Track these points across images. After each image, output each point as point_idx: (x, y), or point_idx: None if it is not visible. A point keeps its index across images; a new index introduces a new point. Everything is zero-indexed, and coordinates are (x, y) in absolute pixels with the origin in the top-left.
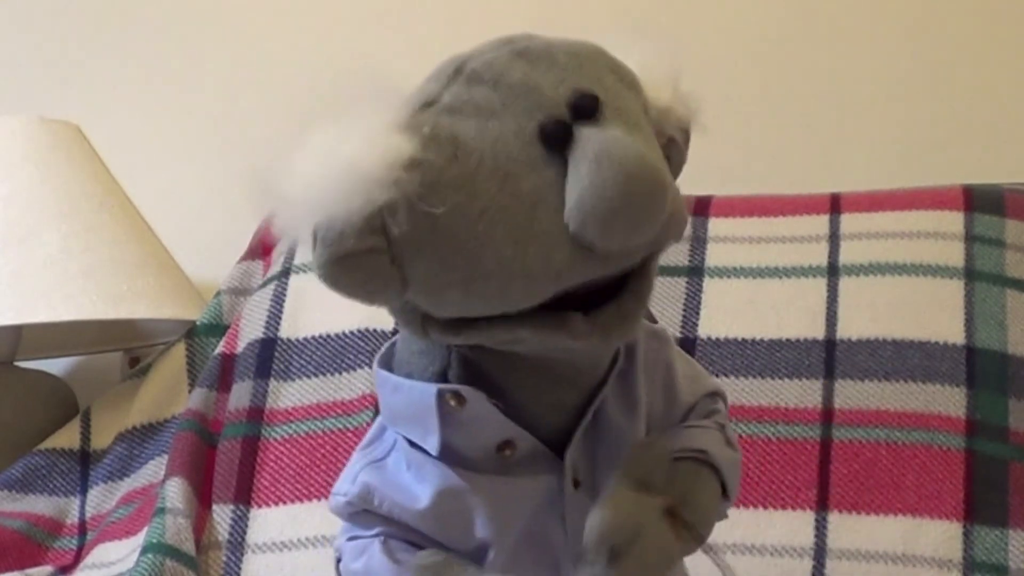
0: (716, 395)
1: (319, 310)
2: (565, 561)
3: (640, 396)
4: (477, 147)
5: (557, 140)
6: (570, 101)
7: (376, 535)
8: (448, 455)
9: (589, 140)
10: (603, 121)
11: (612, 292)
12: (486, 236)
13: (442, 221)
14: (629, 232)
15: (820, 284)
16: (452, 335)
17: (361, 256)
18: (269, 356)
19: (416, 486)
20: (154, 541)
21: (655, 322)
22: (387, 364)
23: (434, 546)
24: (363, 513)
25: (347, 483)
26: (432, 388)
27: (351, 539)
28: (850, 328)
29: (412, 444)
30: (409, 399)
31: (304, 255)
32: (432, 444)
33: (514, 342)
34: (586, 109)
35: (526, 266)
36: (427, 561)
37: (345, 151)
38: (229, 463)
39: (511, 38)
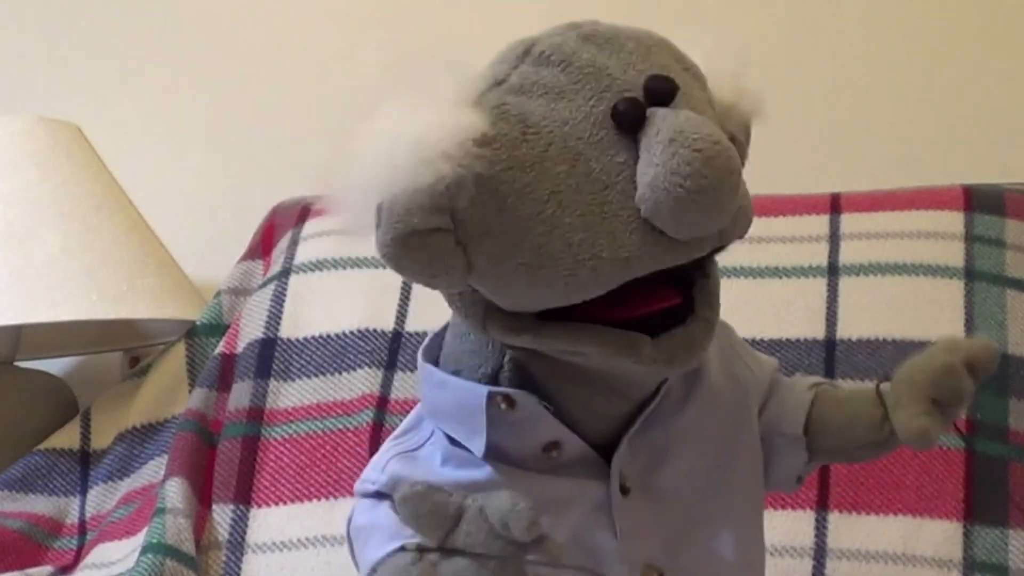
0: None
1: (319, 310)
2: (614, 566)
3: (698, 392)
4: (547, 127)
5: (630, 120)
6: (646, 83)
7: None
8: (493, 453)
9: (664, 121)
10: (674, 104)
11: (679, 316)
12: (555, 219)
13: (510, 202)
14: (702, 217)
15: (820, 284)
16: (513, 335)
17: (426, 235)
18: (269, 356)
19: (452, 475)
20: (154, 541)
21: None
22: (433, 358)
23: None
24: (386, 496)
25: (376, 471)
26: (482, 390)
27: (364, 497)
28: (850, 328)
29: (453, 441)
30: (456, 397)
31: (305, 254)
32: (478, 445)
33: (575, 354)
34: (662, 92)
35: (595, 250)
36: (411, 491)
37: (414, 126)
38: (229, 463)
39: (578, 23)
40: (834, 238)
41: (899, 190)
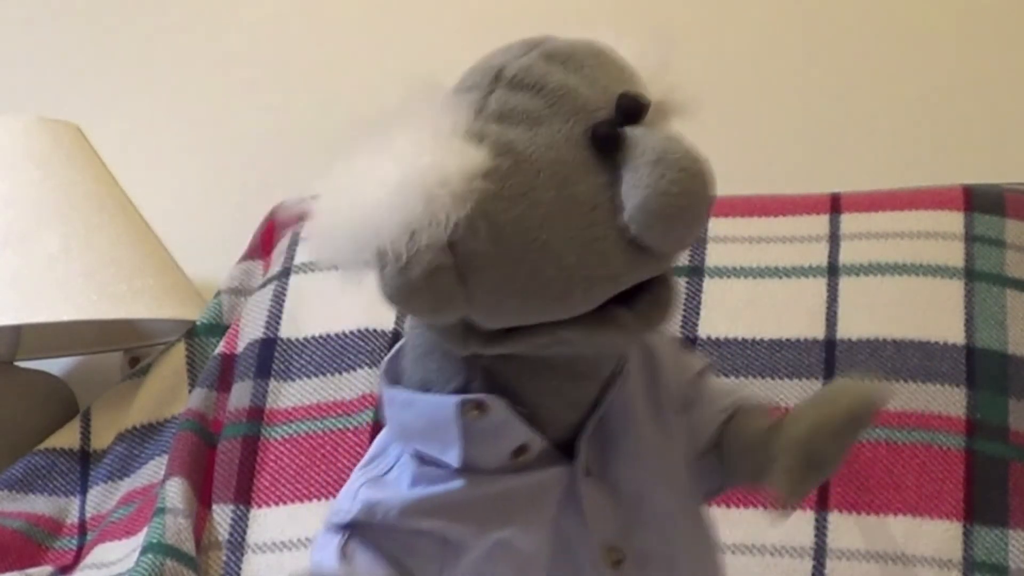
0: (708, 370)
1: (319, 310)
2: (584, 549)
3: (643, 377)
4: (533, 154)
5: (609, 143)
6: (619, 103)
7: (348, 528)
8: (465, 466)
9: (645, 141)
10: (645, 120)
11: (643, 286)
12: (547, 244)
13: (506, 232)
14: (690, 231)
15: (820, 284)
16: (496, 345)
17: (431, 275)
18: (269, 356)
19: (425, 492)
20: (154, 541)
21: None
22: (394, 380)
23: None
24: (349, 525)
25: (347, 500)
26: (451, 400)
27: (321, 543)
28: (850, 328)
29: (423, 460)
30: (425, 413)
31: (305, 254)
32: (453, 456)
33: (556, 344)
34: (634, 111)
35: (586, 271)
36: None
37: (412, 165)
38: (229, 463)
39: (534, 41)
40: (834, 238)
41: (899, 190)
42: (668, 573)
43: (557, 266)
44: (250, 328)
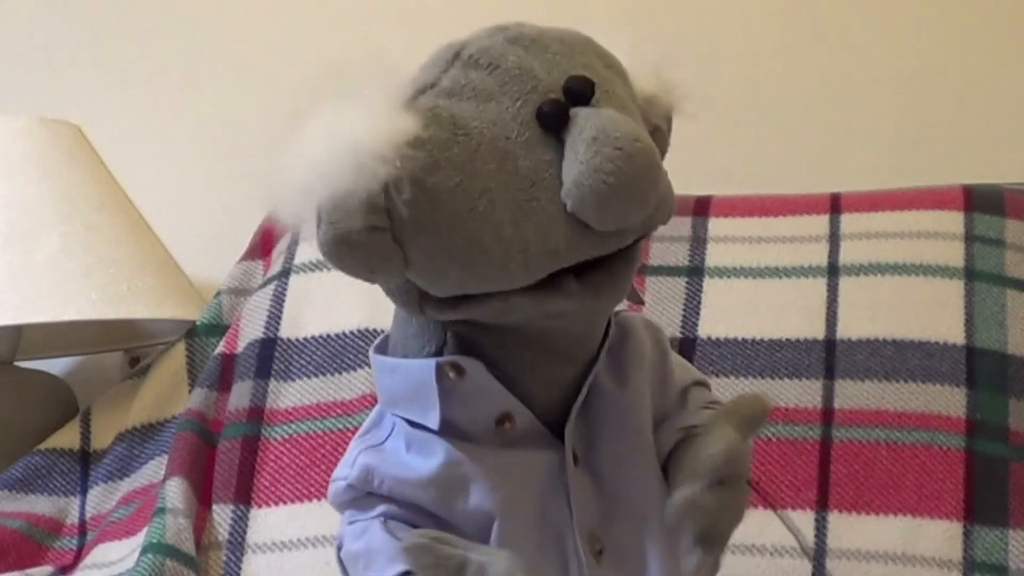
0: (704, 385)
1: (319, 310)
2: (569, 537)
3: (635, 374)
4: (476, 128)
5: (554, 121)
6: (566, 84)
7: (377, 516)
8: (449, 430)
9: (585, 118)
10: (595, 103)
11: (602, 259)
12: (486, 215)
13: (443, 200)
14: (625, 210)
15: (820, 284)
16: (449, 310)
17: (364, 234)
18: (269, 356)
19: (418, 461)
20: (154, 541)
21: (642, 302)
22: (382, 352)
23: (437, 522)
24: (364, 497)
25: (346, 467)
26: (430, 363)
27: (352, 523)
28: (850, 328)
29: (412, 425)
30: (407, 378)
31: (305, 254)
32: (433, 419)
33: (509, 311)
34: (581, 92)
35: (524, 244)
36: (416, 542)
37: (349, 129)
38: (229, 463)
39: (504, 26)
40: (834, 238)
41: (899, 190)
42: (641, 568)
43: (495, 236)
44: (250, 328)
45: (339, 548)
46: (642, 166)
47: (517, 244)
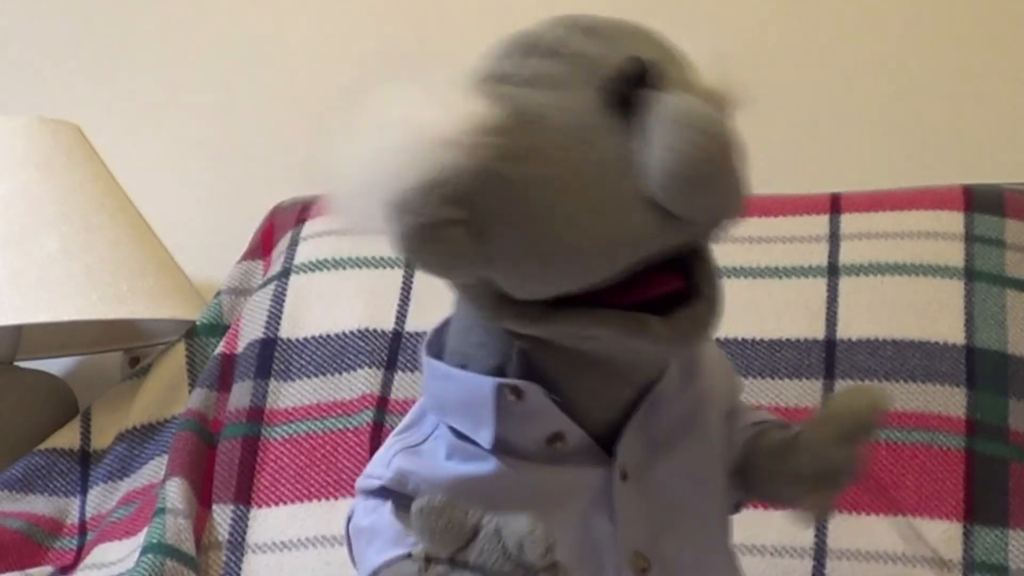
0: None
1: (319, 310)
2: (610, 554)
3: (696, 380)
4: (546, 116)
5: (627, 105)
6: (636, 68)
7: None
8: (498, 446)
9: (664, 104)
10: (665, 88)
11: (682, 299)
12: (561, 204)
13: (520, 190)
14: (713, 196)
15: (820, 284)
16: (527, 322)
17: (441, 227)
18: (269, 356)
19: (458, 469)
20: (154, 541)
21: None
22: (437, 352)
23: None
24: (388, 492)
25: (380, 466)
26: (490, 381)
27: (365, 497)
28: (850, 328)
29: (457, 435)
30: (464, 390)
31: (305, 254)
32: (485, 437)
33: (588, 339)
34: (648, 75)
35: (602, 233)
36: (428, 504)
37: (419, 115)
38: (229, 463)
39: (568, 16)
40: (834, 238)
41: (899, 190)
42: None
43: (572, 227)
44: (250, 328)
45: (348, 519)
46: (725, 147)
47: (594, 233)
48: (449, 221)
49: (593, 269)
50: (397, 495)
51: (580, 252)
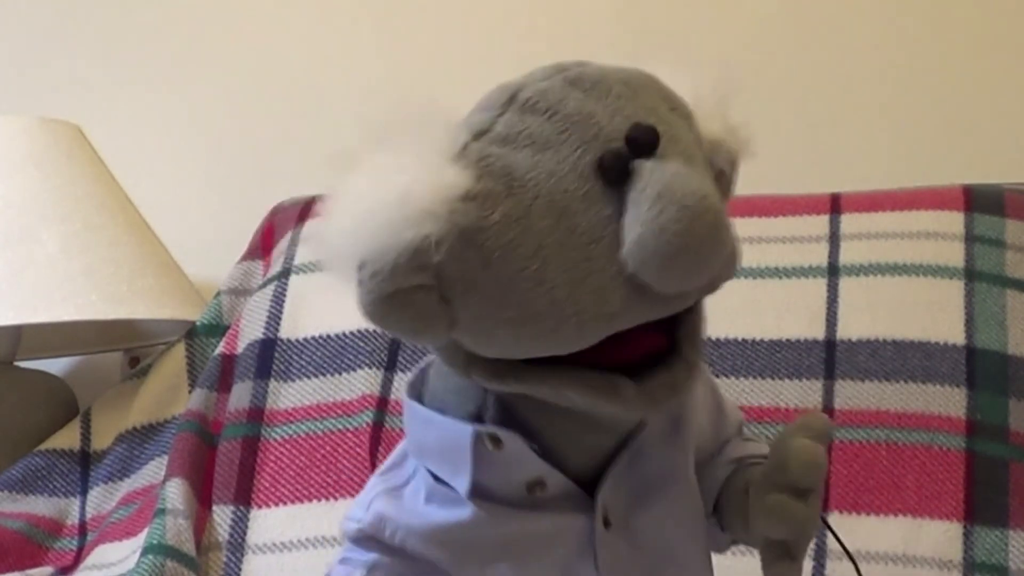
0: (742, 423)
1: (319, 310)
2: None
3: (681, 429)
4: (532, 180)
5: (616, 174)
6: (628, 134)
7: (367, 563)
8: (476, 492)
9: (650, 175)
10: (660, 152)
11: (662, 357)
12: (539, 274)
13: (495, 258)
14: (690, 274)
15: (820, 284)
16: (497, 381)
17: (410, 293)
18: (269, 357)
19: (437, 515)
20: (154, 542)
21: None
22: (417, 395)
23: None
24: (370, 539)
25: (360, 510)
26: (468, 428)
27: (343, 561)
28: (850, 328)
29: (437, 479)
30: (442, 435)
31: (305, 254)
32: (462, 484)
33: (559, 399)
34: (645, 143)
35: (579, 307)
36: None
37: (398, 181)
38: (229, 464)
39: (563, 65)
40: (834, 238)
41: (899, 190)
42: None
43: (549, 298)
44: (250, 328)
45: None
46: (709, 226)
47: (571, 307)
48: (418, 287)
49: (566, 341)
50: (379, 544)
51: (553, 325)
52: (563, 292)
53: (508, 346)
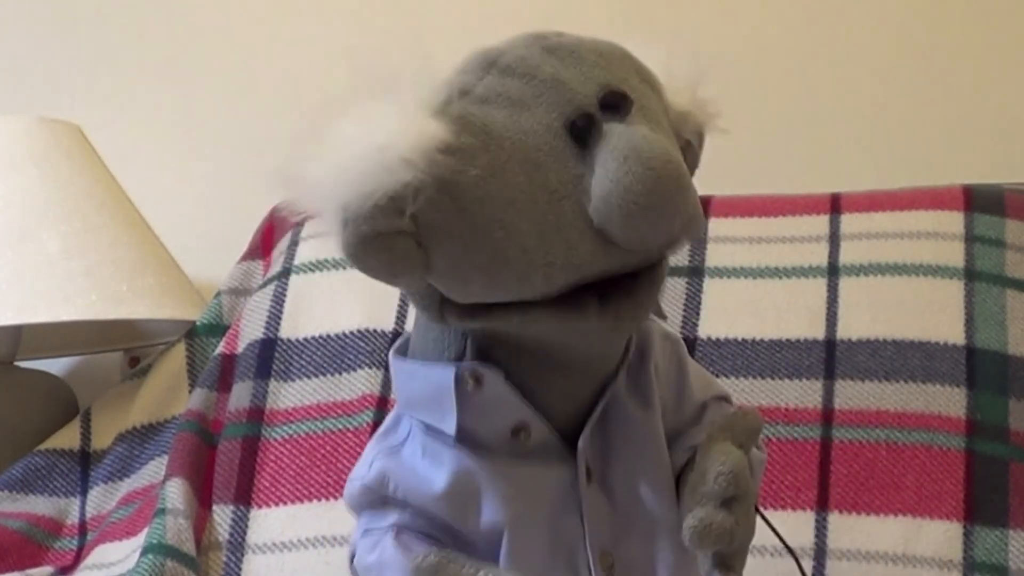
0: (726, 400)
1: (319, 310)
2: (582, 553)
3: (653, 391)
4: (508, 137)
5: (585, 133)
6: (600, 96)
7: (389, 527)
8: (464, 438)
9: (618, 136)
10: (629, 118)
11: (626, 280)
12: (512, 225)
13: (470, 208)
14: (652, 229)
15: (820, 284)
16: (469, 319)
17: (388, 237)
18: (269, 356)
19: (432, 470)
20: (154, 542)
21: (665, 317)
22: (401, 354)
23: (449, 532)
24: (379, 500)
25: (363, 468)
26: (450, 369)
27: (365, 534)
28: (850, 328)
29: (428, 430)
30: (426, 384)
31: (305, 254)
32: (449, 425)
33: (529, 324)
34: (615, 105)
35: (548, 257)
36: (424, 562)
37: (379, 131)
38: (229, 463)
39: (541, 34)
40: (834, 238)
41: (899, 190)
42: None
43: (519, 247)
44: (250, 328)
45: (352, 557)
46: (671, 186)
47: (541, 257)
48: (397, 232)
49: (534, 286)
50: (388, 500)
51: (523, 272)
52: (533, 241)
53: (480, 291)
